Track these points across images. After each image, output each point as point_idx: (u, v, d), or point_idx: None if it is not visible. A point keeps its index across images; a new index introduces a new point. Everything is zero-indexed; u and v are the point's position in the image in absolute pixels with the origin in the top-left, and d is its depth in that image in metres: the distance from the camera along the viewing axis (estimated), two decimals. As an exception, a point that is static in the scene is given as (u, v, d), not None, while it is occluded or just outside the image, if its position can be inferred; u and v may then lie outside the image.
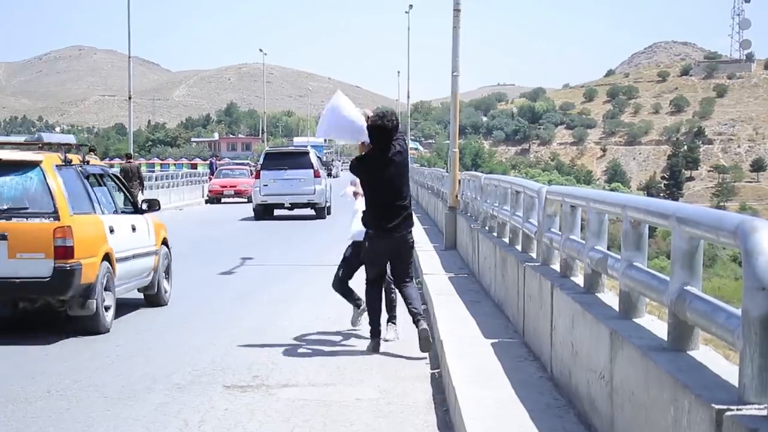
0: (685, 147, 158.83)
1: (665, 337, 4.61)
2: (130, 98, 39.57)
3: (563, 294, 6.53)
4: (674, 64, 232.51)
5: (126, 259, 10.57)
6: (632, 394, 4.62)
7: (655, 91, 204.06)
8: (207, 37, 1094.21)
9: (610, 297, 6.18)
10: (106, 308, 9.86)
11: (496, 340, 8.30)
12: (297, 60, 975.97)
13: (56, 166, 9.72)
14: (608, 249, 6.25)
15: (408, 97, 76.50)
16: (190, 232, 24.88)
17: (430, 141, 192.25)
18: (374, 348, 8.82)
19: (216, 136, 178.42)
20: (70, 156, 10.28)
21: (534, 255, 9.02)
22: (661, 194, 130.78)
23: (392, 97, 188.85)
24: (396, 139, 8.62)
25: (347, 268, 9.62)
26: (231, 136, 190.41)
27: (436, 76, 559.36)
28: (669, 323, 4.56)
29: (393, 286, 9.17)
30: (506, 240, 10.95)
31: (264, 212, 28.09)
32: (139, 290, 11.48)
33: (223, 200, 41.17)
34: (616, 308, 5.60)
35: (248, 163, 55.30)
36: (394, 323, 9.39)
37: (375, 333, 8.90)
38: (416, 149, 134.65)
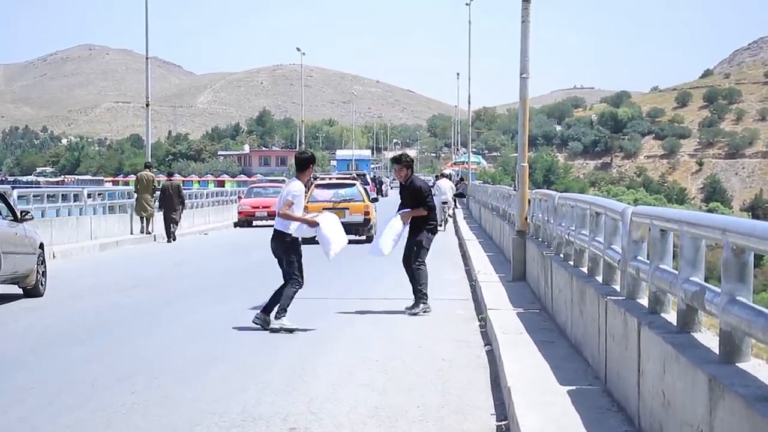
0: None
1: (775, 385, 4.57)
2: (147, 105, 39.97)
3: (652, 333, 6.49)
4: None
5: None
6: (735, 453, 4.57)
7: (761, 94, 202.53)
8: (236, 35, 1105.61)
9: (708, 337, 6.14)
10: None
11: (573, 388, 8.27)
12: (340, 61, 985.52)
13: (360, 183, 34.72)
14: (706, 280, 6.20)
15: (469, 102, 76.35)
16: (215, 261, 25.11)
17: (495, 154, 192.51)
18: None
19: (246, 148, 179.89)
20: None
21: (617, 287, 8.99)
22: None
23: (450, 103, 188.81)
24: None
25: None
26: (264, 148, 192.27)
27: (502, 78, 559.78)
28: (779, 369, 4.51)
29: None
30: (584, 270, 10.92)
31: None
32: None
33: (254, 223, 41.31)
34: (716, 351, 5.56)
35: (284, 180, 55.47)
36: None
37: (425, 296, 14.26)
38: (478, 163, 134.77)
